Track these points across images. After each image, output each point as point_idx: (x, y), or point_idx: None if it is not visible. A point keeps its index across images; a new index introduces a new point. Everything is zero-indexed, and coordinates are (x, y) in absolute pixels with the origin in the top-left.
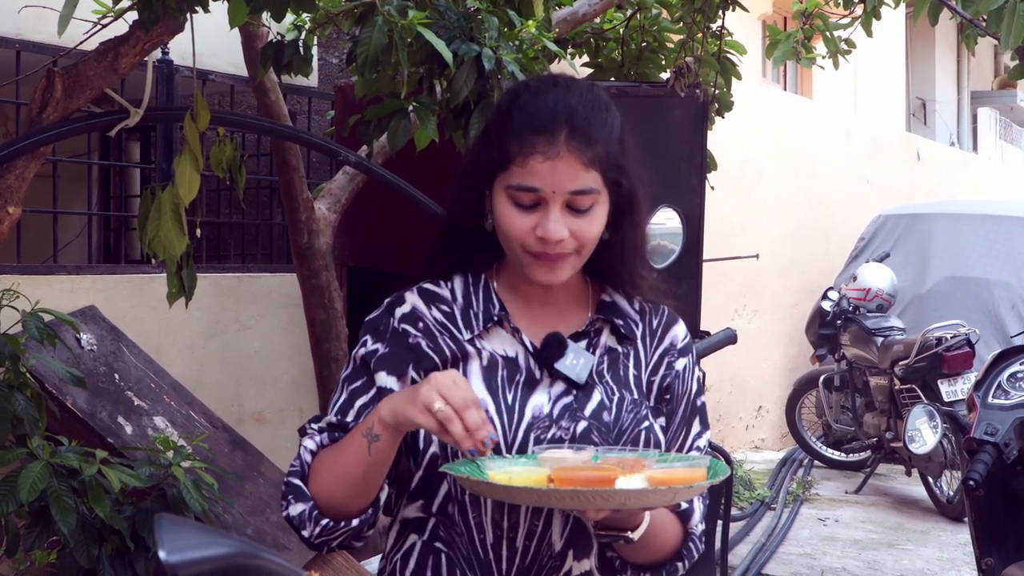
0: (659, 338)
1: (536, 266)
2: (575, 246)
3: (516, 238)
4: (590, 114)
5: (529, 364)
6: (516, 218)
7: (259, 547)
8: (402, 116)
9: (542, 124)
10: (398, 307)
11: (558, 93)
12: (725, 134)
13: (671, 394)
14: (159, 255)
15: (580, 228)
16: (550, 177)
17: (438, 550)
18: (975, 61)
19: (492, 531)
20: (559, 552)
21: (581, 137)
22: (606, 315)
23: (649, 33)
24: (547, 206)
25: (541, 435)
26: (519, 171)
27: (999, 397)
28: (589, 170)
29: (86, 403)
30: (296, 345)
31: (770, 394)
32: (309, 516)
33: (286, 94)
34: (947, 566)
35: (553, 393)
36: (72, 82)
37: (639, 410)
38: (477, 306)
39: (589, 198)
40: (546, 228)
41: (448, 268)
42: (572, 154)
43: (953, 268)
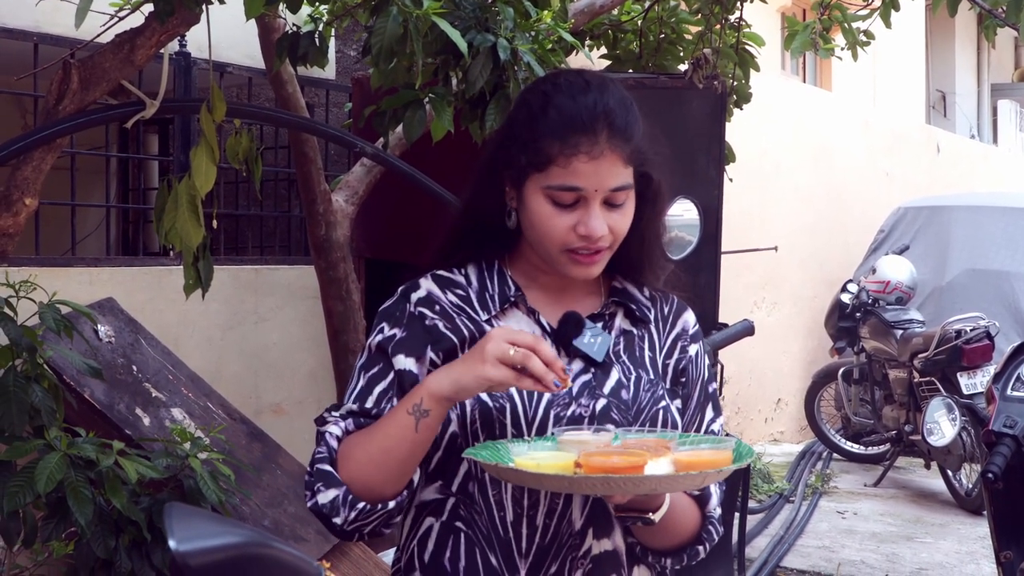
0: (671, 323)
1: (574, 264)
2: (611, 240)
3: (557, 237)
4: (626, 113)
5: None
6: (556, 218)
7: (269, 536)
8: (417, 107)
9: (584, 125)
10: (413, 292)
11: (594, 94)
12: (744, 126)
13: (687, 378)
14: (176, 247)
15: (616, 222)
16: (594, 176)
17: (458, 530)
18: (995, 53)
19: (512, 509)
20: (579, 530)
21: (621, 136)
22: (620, 299)
23: (667, 25)
24: (587, 204)
25: (561, 412)
26: (560, 171)
27: (1018, 390)
28: (627, 166)
29: (104, 395)
30: (314, 337)
31: (789, 387)
32: (344, 501)
33: (304, 86)
34: (966, 559)
35: (572, 371)
36: (88, 74)
37: (656, 390)
38: (493, 288)
39: (625, 193)
40: (589, 225)
41: (462, 259)
42: (614, 153)
43: (973, 260)
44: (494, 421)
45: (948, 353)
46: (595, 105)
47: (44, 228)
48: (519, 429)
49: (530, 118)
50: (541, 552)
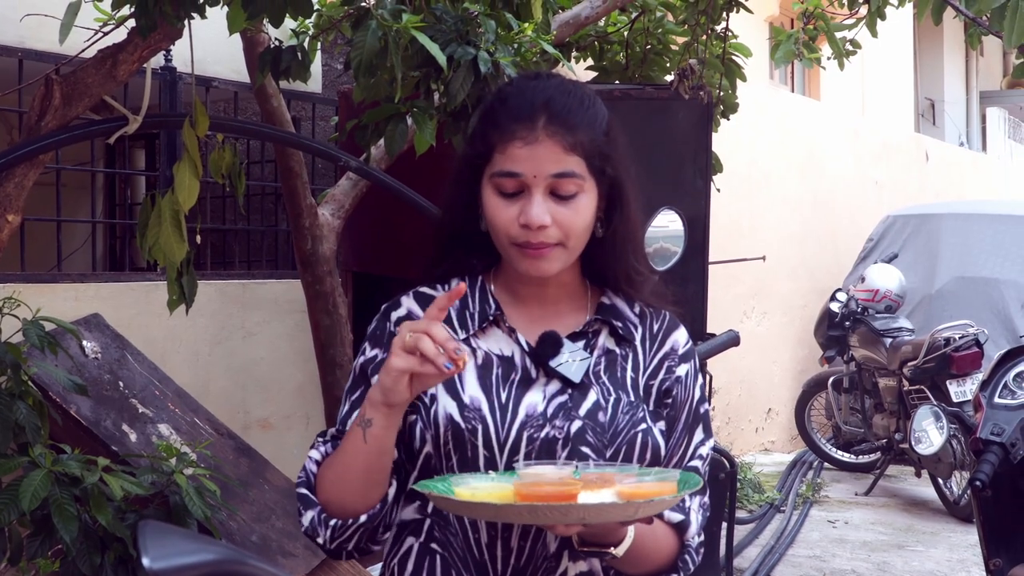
0: (659, 342)
1: (522, 258)
2: (560, 236)
3: (502, 228)
4: (568, 101)
5: (525, 363)
6: (501, 208)
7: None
8: (399, 120)
9: (521, 111)
10: (394, 311)
11: (538, 84)
12: (732, 136)
13: (672, 399)
14: (159, 262)
15: (564, 216)
16: (530, 161)
17: (434, 551)
18: (984, 61)
19: (487, 531)
20: (554, 553)
21: (559, 122)
22: (605, 317)
23: (653, 36)
24: (530, 192)
25: (534, 434)
26: (500, 158)
27: (1005, 397)
28: (570, 154)
29: (90, 411)
30: (301, 351)
31: (779, 396)
32: (319, 521)
33: (290, 100)
34: (957, 567)
35: (548, 392)
36: (71, 90)
37: (635, 412)
38: (473, 307)
39: (572, 183)
40: (528, 213)
41: (445, 272)
42: (552, 138)
43: (962, 268)
44: (466, 443)
45: (937, 361)
46: (535, 94)
47: (30, 244)
48: (491, 451)
49: (482, 117)
50: (516, 574)
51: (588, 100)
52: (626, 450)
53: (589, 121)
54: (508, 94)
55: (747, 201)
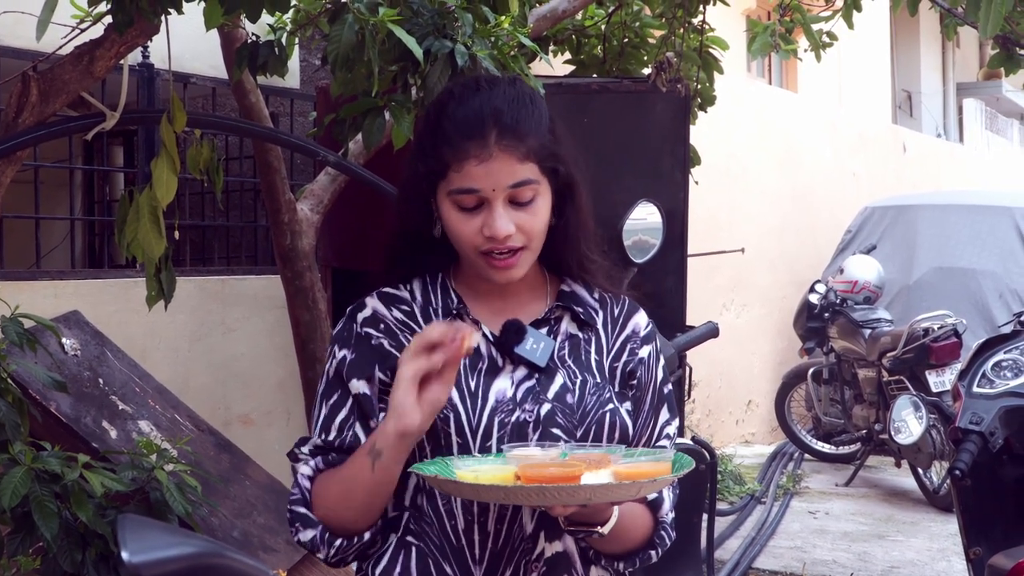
0: (621, 325)
1: (492, 269)
2: (524, 240)
3: (467, 242)
4: (516, 111)
5: (491, 352)
6: (463, 222)
7: (224, 547)
8: (376, 114)
9: (471, 128)
10: (359, 312)
11: (482, 96)
12: (710, 128)
13: (637, 380)
14: (138, 258)
15: (525, 221)
16: (486, 178)
17: (408, 544)
18: (960, 52)
19: (463, 517)
20: (531, 534)
21: (510, 134)
22: (566, 303)
23: (630, 29)
24: (490, 205)
25: (505, 418)
26: (456, 176)
27: (984, 386)
28: (524, 163)
29: (70, 408)
30: (282, 347)
31: (759, 388)
32: (322, 540)
33: (268, 96)
34: (937, 556)
35: (515, 378)
36: (48, 86)
37: (602, 393)
38: (436, 302)
39: (529, 189)
40: (492, 226)
41: (406, 273)
42: (505, 152)
43: (940, 259)
44: (439, 432)
45: (916, 351)
46: (481, 107)
47: (8, 241)
48: (464, 438)
49: (428, 128)
50: (494, 558)
51: (531, 102)
52: (595, 430)
53: (536, 125)
54: (452, 107)
55: (725, 193)
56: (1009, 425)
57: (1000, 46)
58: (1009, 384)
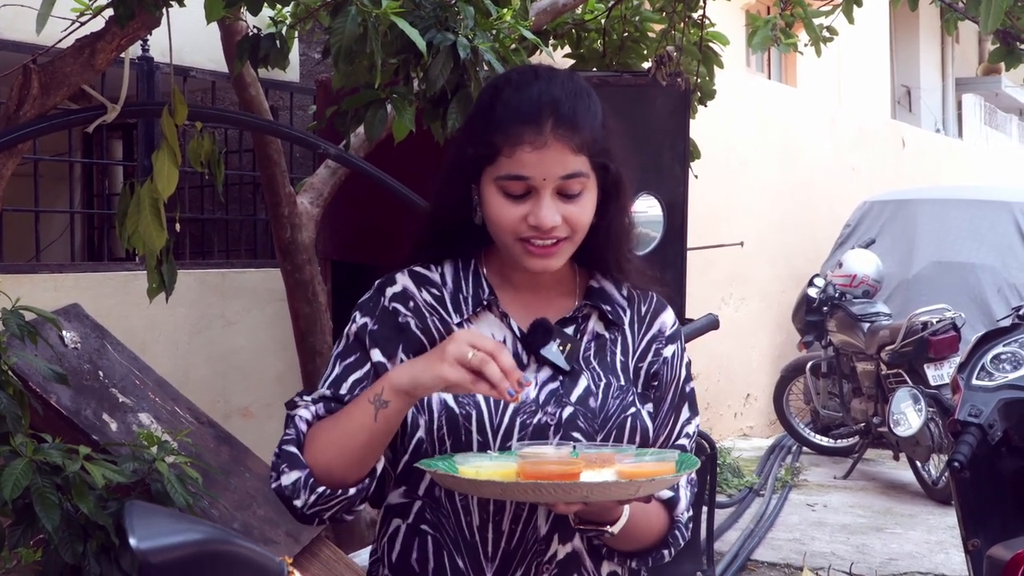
0: (647, 325)
1: (529, 256)
2: (568, 231)
3: (508, 228)
4: (574, 102)
5: (517, 349)
6: (507, 208)
7: (231, 533)
8: (378, 107)
9: (528, 115)
10: (389, 287)
11: (541, 84)
12: (710, 123)
13: (659, 381)
14: (138, 250)
15: (572, 214)
16: (539, 166)
17: (424, 532)
18: (959, 48)
19: (478, 514)
20: (544, 536)
21: (567, 125)
22: (594, 301)
23: (631, 23)
24: (538, 194)
25: (527, 420)
26: (507, 162)
27: (983, 379)
28: (577, 155)
29: (70, 401)
30: (281, 340)
31: (758, 381)
32: (305, 484)
33: (268, 89)
34: (935, 549)
35: (539, 379)
36: (49, 79)
37: (625, 396)
38: (467, 290)
39: (579, 182)
40: (539, 216)
41: (438, 255)
42: (560, 141)
43: (939, 253)
44: (460, 428)
45: (915, 345)
46: (540, 96)
47: (8, 235)
48: (484, 436)
49: (481, 113)
50: (507, 557)
51: (588, 96)
52: (616, 434)
53: (592, 119)
54: (508, 92)
55: (725, 187)
56: (1008, 417)
57: (1001, 41)
58: (1008, 377)
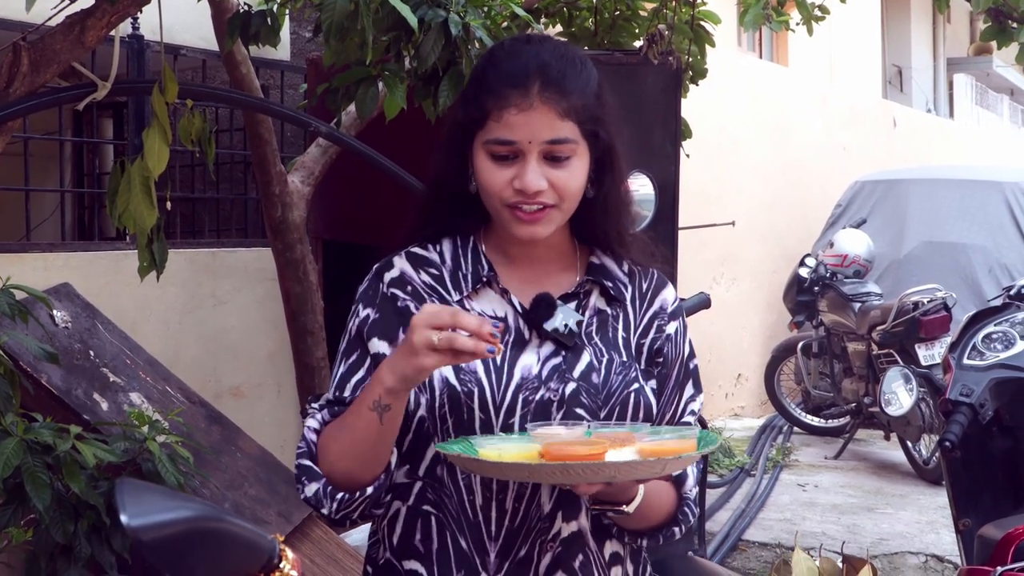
0: (649, 301)
1: (517, 222)
2: (555, 198)
3: (496, 192)
4: (563, 67)
5: (518, 324)
6: (494, 172)
7: (223, 511)
8: (369, 84)
9: (515, 78)
10: (387, 272)
11: (531, 49)
12: (701, 102)
13: (663, 358)
14: (129, 229)
15: (559, 179)
16: (525, 128)
17: (427, 513)
18: (951, 27)
19: (481, 493)
20: (548, 513)
21: (554, 88)
22: (595, 277)
23: (622, 2)
24: (524, 158)
25: (529, 396)
26: (495, 125)
27: (974, 358)
28: (565, 120)
29: (61, 380)
30: (272, 319)
31: (749, 361)
32: (324, 493)
33: (258, 68)
34: (926, 528)
35: (542, 354)
36: (39, 56)
37: (628, 372)
38: (466, 268)
39: (566, 147)
40: (524, 179)
41: (436, 232)
42: (546, 104)
43: (930, 233)
44: (462, 406)
45: (906, 325)
46: (529, 59)
47: None
48: (487, 413)
49: (474, 78)
50: (511, 535)
51: (580, 63)
52: (619, 410)
53: (582, 85)
54: (500, 58)
55: (716, 167)
56: (999, 397)
57: (992, 19)
58: (999, 356)
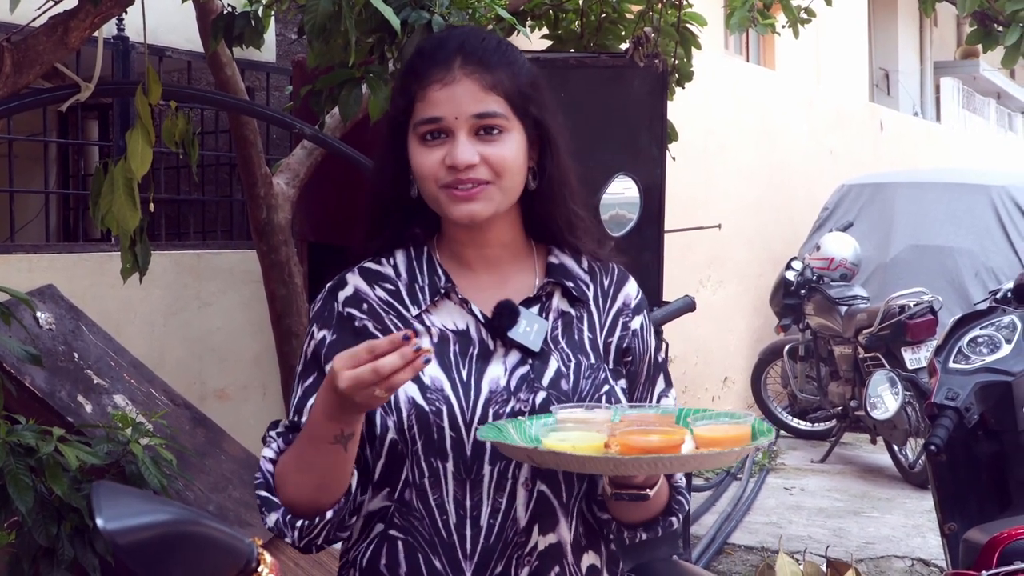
0: (611, 298)
1: (452, 201)
2: (490, 174)
3: (429, 174)
4: (482, 43)
5: (481, 335)
6: (425, 155)
7: (200, 514)
8: (353, 86)
9: (437, 56)
10: (340, 291)
11: (452, 32)
12: (687, 105)
13: (632, 355)
14: (112, 230)
15: (492, 154)
16: (449, 103)
17: (393, 538)
18: (938, 31)
19: (455, 511)
20: (524, 527)
21: (475, 61)
22: (556, 278)
23: (608, 4)
24: (454, 136)
25: (500, 409)
26: (421, 106)
27: (959, 362)
28: (489, 93)
29: (45, 382)
30: (257, 321)
31: (735, 365)
32: (284, 522)
33: (244, 70)
34: (912, 532)
35: (508, 364)
36: (21, 57)
37: (597, 375)
38: (422, 280)
39: (495, 120)
40: (454, 155)
41: (387, 243)
42: (469, 78)
43: (916, 237)
44: (431, 425)
45: (892, 328)
46: (448, 38)
47: None
48: (457, 431)
49: (401, 73)
50: (486, 552)
51: (505, 46)
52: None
53: (507, 63)
54: (423, 46)
55: (702, 170)
56: (984, 401)
57: (978, 23)
58: (985, 360)
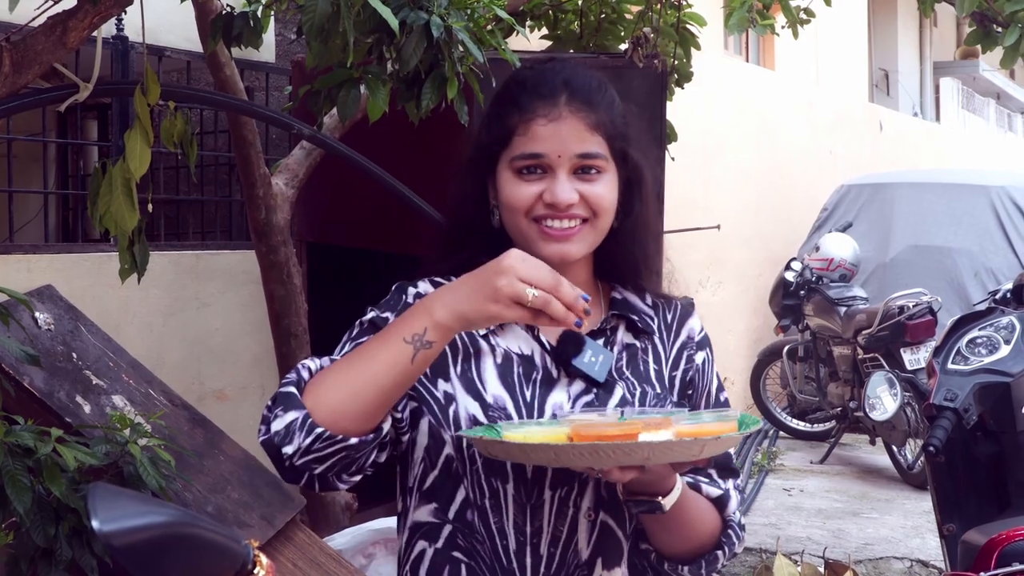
0: (675, 332)
1: (545, 239)
2: (588, 212)
3: (522, 206)
4: (587, 82)
5: (545, 362)
6: (521, 187)
7: (196, 516)
8: (351, 86)
9: (542, 89)
10: (411, 287)
11: (555, 65)
12: (687, 105)
13: (694, 389)
14: (110, 231)
15: (592, 193)
16: (554, 139)
17: (457, 560)
18: (937, 31)
19: (515, 537)
20: (586, 560)
21: (582, 99)
22: (620, 311)
23: (607, 4)
24: (554, 172)
25: None
26: (522, 140)
27: (958, 363)
28: (594, 134)
29: (43, 382)
30: (256, 322)
31: (735, 365)
32: (301, 426)
33: (243, 70)
34: (911, 533)
35: (572, 392)
36: (20, 57)
37: (663, 404)
38: None
39: (597, 162)
40: (554, 192)
41: (458, 265)
42: (574, 116)
43: (916, 237)
44: None
45: (891, 329)
46: (554, 73)
47: None
48: None
49: (497, 97)
50: None
51: (605, 84)
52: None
53: (609, 102)
54: (524, 75)
55: (702, 170)
56: (983, 402)
57: (977, 23)
58: (983, 361)
